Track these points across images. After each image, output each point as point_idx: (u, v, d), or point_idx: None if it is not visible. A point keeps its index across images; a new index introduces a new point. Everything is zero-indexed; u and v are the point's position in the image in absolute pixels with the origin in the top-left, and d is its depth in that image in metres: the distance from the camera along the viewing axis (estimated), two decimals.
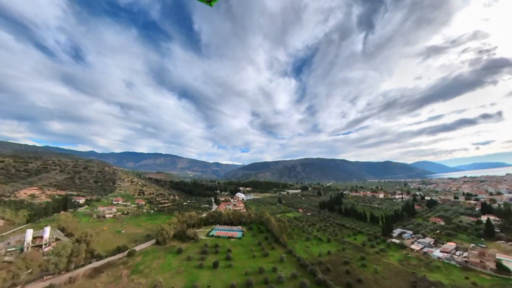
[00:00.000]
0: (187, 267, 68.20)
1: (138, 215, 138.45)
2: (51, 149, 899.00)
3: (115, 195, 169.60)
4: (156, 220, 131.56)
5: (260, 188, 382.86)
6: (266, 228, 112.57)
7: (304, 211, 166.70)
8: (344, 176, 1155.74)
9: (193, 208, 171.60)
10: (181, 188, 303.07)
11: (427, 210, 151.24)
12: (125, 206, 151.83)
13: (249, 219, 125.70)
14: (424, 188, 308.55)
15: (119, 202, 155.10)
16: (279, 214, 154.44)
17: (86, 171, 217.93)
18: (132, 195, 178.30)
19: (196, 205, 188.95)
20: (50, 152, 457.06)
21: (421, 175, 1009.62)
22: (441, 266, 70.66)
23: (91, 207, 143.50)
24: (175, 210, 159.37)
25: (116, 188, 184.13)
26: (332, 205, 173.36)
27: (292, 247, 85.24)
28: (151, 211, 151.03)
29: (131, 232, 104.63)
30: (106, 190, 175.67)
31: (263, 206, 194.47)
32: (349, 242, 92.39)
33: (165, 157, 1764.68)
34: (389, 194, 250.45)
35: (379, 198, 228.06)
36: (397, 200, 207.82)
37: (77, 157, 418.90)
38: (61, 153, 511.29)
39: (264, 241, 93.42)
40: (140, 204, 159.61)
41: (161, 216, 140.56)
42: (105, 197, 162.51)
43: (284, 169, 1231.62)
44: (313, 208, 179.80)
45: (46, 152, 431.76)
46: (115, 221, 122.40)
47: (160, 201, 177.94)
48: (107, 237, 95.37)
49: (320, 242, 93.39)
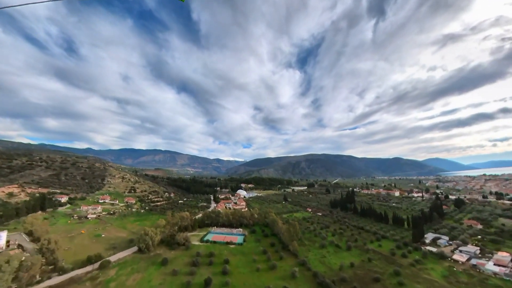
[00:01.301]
0: (171, 285, 54.52)
1: (126, 215, 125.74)
2: (46, 146, 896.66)
3: (103, 192, 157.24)
4: (145, 221, 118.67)
5: (263, 185, 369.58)
6: (272, 231, 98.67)
7: (314, 210, 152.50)
8: (350, 172, 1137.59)
9: (189, 207, 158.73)
10: (178, 185, 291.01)
11: (455, 211, 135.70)
12: (112, 205, 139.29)
13: (252, 220, 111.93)
14: (442, 186, 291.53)
15: (106, 201, 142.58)
16: (286, 214, 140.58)
17: (74, 168, 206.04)
18: (122, 192, 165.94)
19: (192, 203, 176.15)
20: (44, 150, 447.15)
21: (433, 173, 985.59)
22: (503, 286, 55.80)
23: (74, 206, 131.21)
24: (168, 209, 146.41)
25: (105, 185, 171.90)
26: (344, 203, 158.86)
27: (305, 257, 71.07)
28: (141, 211, 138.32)
29: (113, 236, 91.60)
30: (93, 187, 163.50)
31: (267, 205, 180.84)
32: (374, 250, 77.84)
33: (165, 153, 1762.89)
34: (405, 192, 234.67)
35: (395, 196, 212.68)
36: (416, 198, 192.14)
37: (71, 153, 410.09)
38: (55, 150, 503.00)
39: (270, 248, 79.49)
40: (129, 203, 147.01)
41: (151, 216, 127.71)
42: (91, 195, 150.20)
43: (288, 166, 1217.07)
44: (323, 207, 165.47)
45: (40, 150, 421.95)
46: (97, 223, 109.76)
47: (153, 199, 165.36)
48: (83, 243, 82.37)
49: (338, 250, 79.03)
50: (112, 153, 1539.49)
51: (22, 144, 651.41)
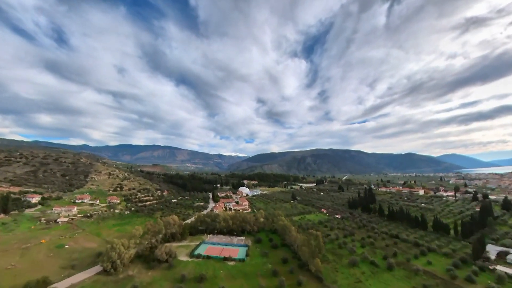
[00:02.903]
0: None
1: (105, 218, 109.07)
2: (40, 143, 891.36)
3: (83, 191, 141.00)
4: (127, 225, 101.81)
5: (268, 181, 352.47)
6: (282, 240, 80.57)
7: (330, 211, 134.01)
8: (360, 169, 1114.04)
9: (182, 207, 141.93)
10: (174, 182, 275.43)
11: (505, 214, 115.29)
12: (91, 206, 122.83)
13: (257, 225, 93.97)
14: (470, 184, 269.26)
15: (84, 201, 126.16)
16: (297, 217, 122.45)
17: (56, 164, 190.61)
18: (106, 191, 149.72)
19: (188, 203, 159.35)
20: (36, 147, 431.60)
21: (450, 170, 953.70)
22: None
23: (45, 208, 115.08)
24: (158, 210, 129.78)
25: (87, 183, 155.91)
26: (365, 204, 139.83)
27: (333, 282, 52.76)
28: (125, 212, 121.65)
29: (79, 247, 74.59)
30: (73, 185, 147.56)
31: (273, 204, 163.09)
32: (425, 271, 58.97)
33: (164, 149, 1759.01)
34: (430, 190, 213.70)
35: (419, 195, 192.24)
36: (447, 198, 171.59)
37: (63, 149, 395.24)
38: (49, 147, 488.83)
39: (282, 267, 61.32)
40: (112, 203, 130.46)
41: (136, 219, 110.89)
42: (69, 194, 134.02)
43: (293, 161, 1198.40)
44: (340, 207, 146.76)
45: (32, 147, 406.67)
46: (67, 228, 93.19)
47: (141, 198, 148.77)
48: (36, 257, 65.40)
49: (376, 270, 60.34)
50: (109, 150, 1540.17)
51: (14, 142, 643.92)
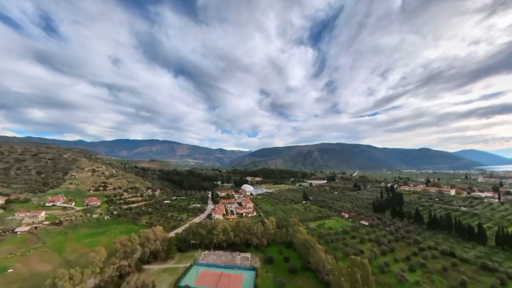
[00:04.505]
0: None
1: (78, 225, 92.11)
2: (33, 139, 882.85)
3: (58, 191, 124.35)
4: (102, 235, 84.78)
5: (273, 178, 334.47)
6: (303, 260, 62.34)
7: (352, 216, 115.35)
8: (370, 164, 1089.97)
9: (175, 210, 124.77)
10: (170, 179, 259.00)
11: None
12: (64, 210, 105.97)
13: (266, 236, 75.80)
14: (505, 183, 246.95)
15: (57, 203, 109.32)
16: (314, 223, 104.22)
17: (33, 160, 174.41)
18: (86, 190, 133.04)
19: (182, 204, 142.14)
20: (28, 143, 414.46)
21: (468, 167, 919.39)
22: None
23: (7, 213, 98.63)
24: (145, 214, 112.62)
25: (65, 181, 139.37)
26: (394, 206, 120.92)
27: None
28: (104, 217, 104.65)
29: (27, 271, 57.44)
30: (48, 184, 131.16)
31: (282, 206, 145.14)
32: None
33: (163, 143, 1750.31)
34: (462, 190, 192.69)
35: (451, 196, 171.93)
36: (489, 200, 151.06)
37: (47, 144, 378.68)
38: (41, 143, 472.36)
39: None
40: (90, 206, 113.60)
41: (115, 227, 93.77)
42: (40, 196, 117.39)
43: (299, 156, 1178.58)
44: (363, 210, 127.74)
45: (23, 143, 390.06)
46: (24, 241, 76.42)
47: (127, 199, 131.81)
48: None
49: None
50: (106, 145, 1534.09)
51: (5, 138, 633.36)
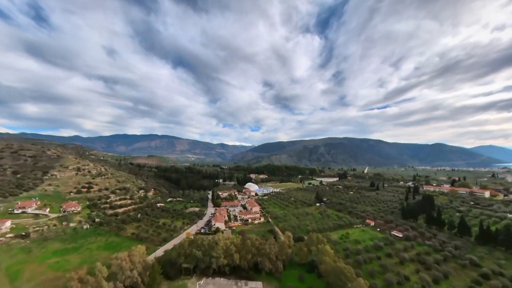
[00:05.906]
0: None
1: (48, 238, 77.82)
2: (27, 135, 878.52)
3: (33, 195, 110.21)
4: (75, 252, 70.51)
5: (279, 175, 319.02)
6: None
7: (379, 224, 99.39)
8: (380, 160, 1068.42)
9: (169, 215, 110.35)
10: (167, 177, 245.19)
11: None
12: (36, 218, 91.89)
13: (281, 257, 60.49)
14: None
15: (28, 210, 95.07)
16: (334, 233, 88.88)
17: (12, 157, 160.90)
18: (67, 193, 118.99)
19: (178, 207, 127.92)
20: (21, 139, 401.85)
21: (487, 164, 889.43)
22: None
23: None
24: (132, 222, 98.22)
25: (44, 182, 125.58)
26: (428, 212, 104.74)
27: None
28: (83, 226, 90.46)
29: None
30: (23, 186, 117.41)
31: (293, 209, 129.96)
32: None
33: (162, 138, 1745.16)
34: (498, 192, 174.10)
35: (486, 198, 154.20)
36: None
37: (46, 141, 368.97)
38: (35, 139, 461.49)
39: None
40: (67, 212, 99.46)
41: (93, 239, 79.47)
42: (11, 200, 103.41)
43: (304, 151, 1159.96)
44: (390, 216, 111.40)
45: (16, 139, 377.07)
46: None
47: (114, 203, 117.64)
48: None
49: None
50: (103, 140, 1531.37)
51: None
